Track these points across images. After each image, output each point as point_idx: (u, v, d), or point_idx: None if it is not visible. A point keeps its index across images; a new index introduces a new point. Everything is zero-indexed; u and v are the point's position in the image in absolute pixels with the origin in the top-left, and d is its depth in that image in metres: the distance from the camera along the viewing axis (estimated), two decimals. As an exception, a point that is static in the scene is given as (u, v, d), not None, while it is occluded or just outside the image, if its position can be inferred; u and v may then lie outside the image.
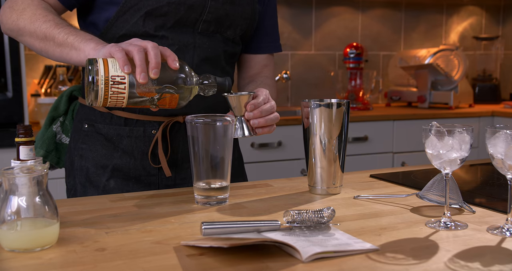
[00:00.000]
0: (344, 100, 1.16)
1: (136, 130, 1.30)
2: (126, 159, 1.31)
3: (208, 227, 0.86)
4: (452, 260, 0.78)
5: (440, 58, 3.34)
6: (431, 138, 0.94)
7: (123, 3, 1.23)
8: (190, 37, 1.28)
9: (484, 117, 3.22)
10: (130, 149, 1.31)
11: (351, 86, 3.33)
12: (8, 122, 2.29)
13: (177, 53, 1.26)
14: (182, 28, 1.27)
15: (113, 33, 1.25)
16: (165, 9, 1.23)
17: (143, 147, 1.31)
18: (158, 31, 1.25)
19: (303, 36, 3.45)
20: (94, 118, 1.33)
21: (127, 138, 1.31)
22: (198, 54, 1.29)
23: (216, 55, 1.32)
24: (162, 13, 1.24)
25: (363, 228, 0.94)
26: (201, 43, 1.29)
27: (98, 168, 1.31)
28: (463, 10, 3.90)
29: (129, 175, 1.31)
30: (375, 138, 2.96)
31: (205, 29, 1.29)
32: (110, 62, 1.01)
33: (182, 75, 1.06)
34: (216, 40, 1.32)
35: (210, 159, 1.07)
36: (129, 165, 1.31)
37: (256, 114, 1.14)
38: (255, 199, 1.15)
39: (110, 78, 1.00)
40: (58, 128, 1.42)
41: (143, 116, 1.30)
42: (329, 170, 1.16)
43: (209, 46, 1.30)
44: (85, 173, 1.32)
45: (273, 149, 2.71)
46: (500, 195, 1.17)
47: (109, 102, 1.02)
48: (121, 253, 0.82)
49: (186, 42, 1.27)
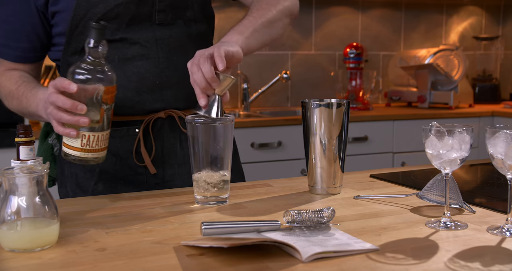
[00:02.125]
0: (344, 100, 1.16)
1: (120, 130, 1.29)
2: (112, 160, 1.29)
3: (208, 227, 0.86)
4: (452, 260, 0.78)
5: (440, 58, 3.34)
6: (431, 138, 0.94)
7: (72, 17, 1.22)
8: (149, 32, 1.26)
9: (484, 117, 3.22)
10: (115, 149, 1.29)
11: (351, 86, 3.33)
12: (8, 123, 2.29)
13: (140, 50, 1.25)
14: (139, 25, 1.25)
15: (74, 47, 1.25)
16: (115, 11, 1.22)
17: (128, 146, 1.29)
18: (115, 35, 1.24)
19: (303, 36, 3.45)
20: None
21: (111, 139, 1.27)
22: (161, 47, 1.27)
23: (181, 43, 1.30)
24: (113, 16, 1.22)
25: (363, 228, 0.94)
26: (161, 35, 1.27)
27: (86, 172, 1.30)
28: (463, 10, 3.90)
29: (116, 176, 1.29)
30: (375, 138, 2.96)
31: (162, 19, 1.27)
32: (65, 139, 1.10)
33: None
34: (177, 27, 1.29)
35: (210, 159, 1.07)
36: (115, 165, 1.29)
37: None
38: (255, 199, 1.15)
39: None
40: (54, 140, 1.40)
41: (125, 117, 1.28)
42: (329, 170, 1.16)
43: (171, 35, 1.28)
44: (75, 179, 1.31)
45: (273, 149, 2.71)
46: (500, 195, 1.16)
47: (99, 148, 1.10)
48: (121, 253, 0.82)
49: (146, 38, 1.26)
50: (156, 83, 1.28)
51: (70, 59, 1.26)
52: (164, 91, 1.29)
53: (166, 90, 1.29)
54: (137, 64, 1.26)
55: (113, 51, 1.24)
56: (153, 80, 1.28)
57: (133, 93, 1.27)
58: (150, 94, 1.28)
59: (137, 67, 1.26)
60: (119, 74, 1.22)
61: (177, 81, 1.30)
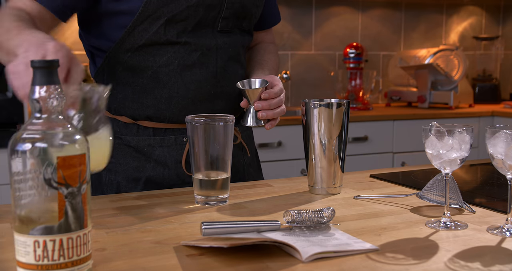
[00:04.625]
0: (344, 100, 1.16)
1: (167, 139, 1.26)
2: (160, 169, 1.26)
3: (208, 227, 0.86)
4: (452, 260, 0.78)
5: (440, 58, 3.34)
6: (431, 138, 0.94)
7: (140, 12, 1.17)
8: (211, 38, 1.25)
9: (484, 117, 3.22)
10: (163, 159, 1.26)
11: (351, 86, 3.33)
12: (8, 123, 2.29)
13: (201, 58, 1.24)
14: (202, 30, 1.23)
15: (131, 43, 1.20)
16: (185, 13, 1.19)
17: (176, 156, 1.27)
18: (180, 37, 1.21)
19: (303, 36, 3.45)
20: (119, 130, 1.27)
21: (159, 148, 1.26)
22: (221, 56, 1.26)
23: (237, 53, 1.30)
24: (182, 18, 1.19)
25: (363, 228, 0.94)
26: (222, 44, 1.26)
27: (130, 181, 1.27)
28: (463, 10, 3.90)
29: (163, 185, 1.27)
30: (375, 138, 2.96)
31: (224, 26, 1.26)
32: None
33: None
34: (235, 36, 1.29)
35: (210, 159, 1.07)
36: (163, 175, 1.27)
37: (265, 107, 1.19)
38: (255, 199, 1.15)
39: None
40: None
41: (171, 125, 1.26)
42: (329, 170, 1.16)
43: (230, 45, 1.28)
44: (116, 187, 1.27)
45: (273, 149, 2.71)
46: (500, 195, 1.16)
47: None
48: (121, 253, 0.82)
49: (208, 45, 1.24)
50: (212, 93, 1.26)
51: (122, 55, 1.22)
52: (216, 101, 1.27)
53: (218, 101, 1.28)
54: (196, 71, 1.24)
55: (173, 55, 1.22)
56: (209, 90, 1.26)
57: (188, 102, 1.24)
58: (204, 104, 1.26)
59: (196, 75, 1.24)
60: (176, 81, 1.22)
61: (229, 92, 1.29)
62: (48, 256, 0.66)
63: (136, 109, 1.25)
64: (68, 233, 0.67)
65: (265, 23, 1.47)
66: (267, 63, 1.39)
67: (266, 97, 1.19)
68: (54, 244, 0.66)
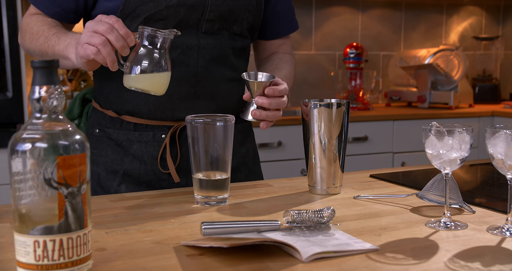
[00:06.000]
0: (344, 100, 1.16)
1: (146, 135, 1.29)
2: (137, 164, 1.29)
3: (208, 227, 0.86)
4: (452, 260, 0.78)
5: (440, 58, 3.34)
6: (431, 138, 0.94)
7: (121, 10, 1.21)
8: (194, 38, 1.25)
9: (484, 117, 3.22)
10: (140, 154, 1.29)
11: (351, 86, 3.33)
12: (8, 122, 2.29)
13: (181, 56, 1.25)
14: (184, 30, 1.24)
15: None
16: (164, 12, 1.21)
17: (153, 152, 1.29)
18: None
19: (303, 36, 3.45)
20: (105, 123, 1.32)
21: (137, 143, 1.29)
22: (202, 56, 1.26)
23: (222, 54, 1.29)
24: (161, 17, 1.22)
25: (363, 228, 0.94)
26: (205, 44, 1.26)
27: (108, 173, 1.30)
28: (463, 10, 3.90)
29: (139, 180, 1.30)
30: (375, 138, 2.96)
31: (209, 28, 1.26)
32: None
33: None
34: (222, 38, 1.29)
35: (210, 159, 1.07)
36: (139, 170, 1.29)
37: (264, 104, 1.17)
38: (255, 199, 1.15)
39: None
40: None
41: (152, 122, 1.28)
42: (329, 170, 1.16)
43: (214, 45, 1.28)
44: (96, 178, 1.31)
45: (273, 149, 2.71)
46: (500, 195, 1.17)
47: None
48: (121, 253, 0.82)
49: (189, 44, 1.25)
50: (191, 92, 1.27)
51: None
52: (196, 101, 1.28)
53: (199, 100, 1.28)
54: (175, 70, 1.24)
55: None
56: (188, 89, 1.27)
57: (165, 99, 1.25)
58: (183, 103, 1.27)
59: (175, 73, 1.24)
60: None
61: (211, 93, 1.29)
62: (48, 256, 0.67)
63: (119, 104, 1.29)
64: (68, 233, 0.67)
65: (279, 31, 1.46)
66: (280, 71, 1.37)
67: (270, 93, 1.17)
68: (54, 244, 0.66)
